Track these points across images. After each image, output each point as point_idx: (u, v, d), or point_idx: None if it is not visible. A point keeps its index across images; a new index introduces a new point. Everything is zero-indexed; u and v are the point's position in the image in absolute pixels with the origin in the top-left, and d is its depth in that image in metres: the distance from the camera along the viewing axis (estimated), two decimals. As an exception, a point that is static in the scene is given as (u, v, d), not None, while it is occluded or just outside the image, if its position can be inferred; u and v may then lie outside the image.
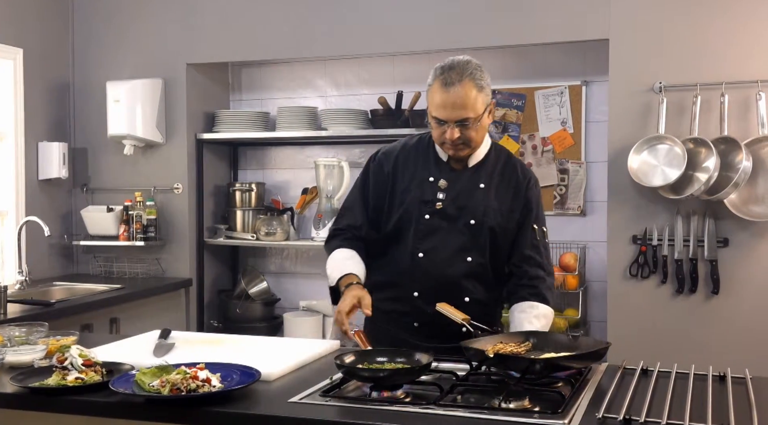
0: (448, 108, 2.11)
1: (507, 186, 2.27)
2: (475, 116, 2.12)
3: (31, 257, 3.95)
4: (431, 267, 2.20)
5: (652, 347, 3.39)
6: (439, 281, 2.21)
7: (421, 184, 2.24)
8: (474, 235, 2.22)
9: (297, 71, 4.47)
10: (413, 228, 2.22)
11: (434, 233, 2.21)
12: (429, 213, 2.22)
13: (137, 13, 4.31)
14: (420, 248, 2.21)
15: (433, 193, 2.22)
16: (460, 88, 2.10)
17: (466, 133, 2.14)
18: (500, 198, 2.25)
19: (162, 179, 4.28)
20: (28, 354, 1.97)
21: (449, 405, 1.64)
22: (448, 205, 2.22)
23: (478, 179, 2.25)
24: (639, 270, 3.50)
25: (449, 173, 2.25)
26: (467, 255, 2.22)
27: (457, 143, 2.16)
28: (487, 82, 2.16)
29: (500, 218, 2.23)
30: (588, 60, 3.94)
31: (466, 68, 2.13)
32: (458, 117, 2.11)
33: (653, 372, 1.88)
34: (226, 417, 1.62)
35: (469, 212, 2.22)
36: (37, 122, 4.17)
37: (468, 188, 2.23)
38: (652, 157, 3.40)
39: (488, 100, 2.17)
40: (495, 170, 2.27)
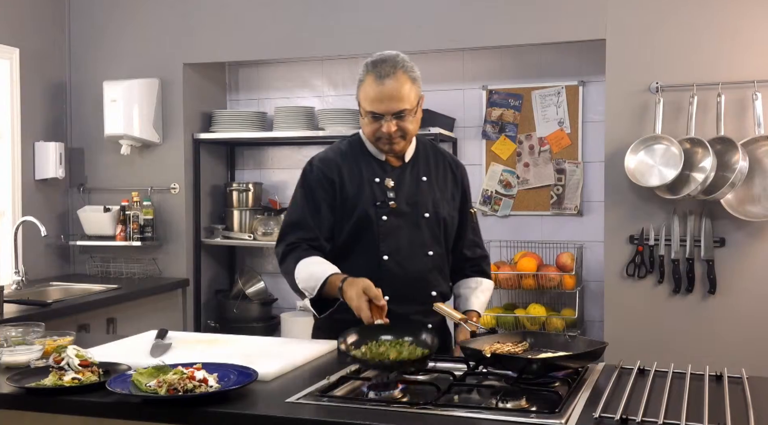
0: (385, 101, 2.12)
1: (444, 174, 2.32)
2: (411, 107, 2.14)
3: (27, 257, 3.95)
4: (397, 268, 2.20)
5: (648, 347, 3.39)
6: (406, 281, 2.20)
7: (369, 186, 2.22)
8: (430, 228, 2.25)
9: (294, 71, 4.47)
10: (373, 232, 2.20)
11: (394, 233, 2.21)
12: (385, 214, 2.21)
13: (134, 12, 4.30)
14: (384, 251, 2.20)
15: (383, 193, 2.22)
16: (394, 80, 2.12)
17: (403, 125, 2.15)
18: (442, 187, 2.30)
19: (159, 179, 4.28)
20: (25, 355, 1.97)
21: (446, 405, 1.64)
22: (401, 203, 2.22)
23: (418, 172, 2.28)
24: (636, 270, 3.50)
25: (391, 171, 2.25)
26: (428, 250, 2.24)
27: (395, 137, 2.16)
28: (418, 75, 2.18)
29: (448, 207, 2.29)
30: (585, 60, 3.95)
31: (397, 61, 2.16)
32: (395, 109, 2.12)
33: (650, 372, 1.88)
34: (223, 418, 1.62)
35: (421, 206, 2.24)
36: (33, 122, 4.16)
37: (413, 183, 2.25)
38: (648, 157, 3.41)
39: (420, 92, 2.20)
40: (429, 161, 2.31)
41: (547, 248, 3.98)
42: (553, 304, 3.94)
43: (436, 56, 4.17)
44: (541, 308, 3.80)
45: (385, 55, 2.19)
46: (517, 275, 3.78)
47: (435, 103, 4.12)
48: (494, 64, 4.13)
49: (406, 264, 2.21)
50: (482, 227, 4.06)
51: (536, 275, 3.75)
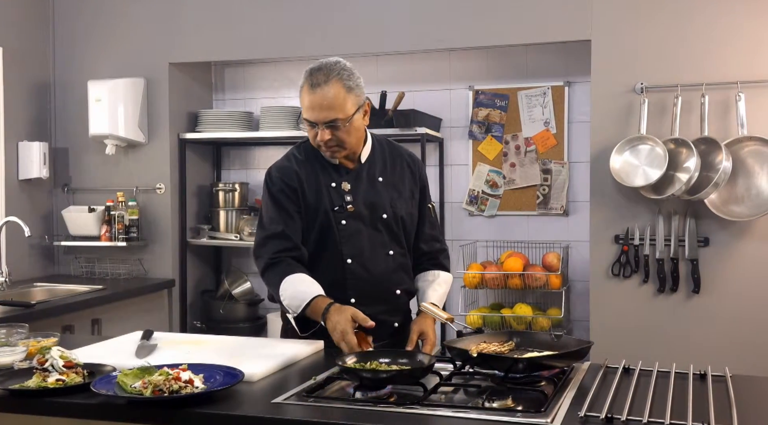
0: (316, 109, 2.11)
1: (402, 173, 2.33)
2: (344, 117, 2.12)
3: (11, 257, 3.91)
4: (361, 270, 2.24)
5: (634, 346, 3.42)
6: (371, 282, 2.24)
7: (327, 192, 2.24)
8: (389, 229, 2.28)
9: (280, 71, 4.46)
10: (335, 237, 2.23)
11: (355, 236, 2.24)
12: (344, 218, 2.23)
13: (119, 11, 4.27)
14: (347, 254, 2.23)
15: (340, 198, 2.24)
16: (327, 88, 2.10)
17: (337, 134, 2.14)
18: (399, 186, 2.31)
19: (144, 179, 4.25)
20: (8, 356, 1.95)
21: (433, 405, 1.65)
22: (358, 206, 2.24)
23: (374, 173, 2.29)
24: (621, 270, 3.52)
25: (346, 175, 2.26)
26: (389, 250, 2.28)
27: (330, 145, 2.16)
28: (356, 83, 2.16)
29: (406, 206, 2.31)
30: (570, 61, 3.97)
31: (333, 69, 2.13)
32: (326, 118, 2.12)
33: (635, 371, 1.89)
34: (209, 418, 1.61)
35: (378, 207, 2.26)
36: (17, 122, 4.13)
37: (369, 184, 2.27)
38: (633, 157, 3.43)
39: (360, 101, 2.17)
40: (386, 161, 2.32)
41: (534, 248, 3.99)
42: (540, 304, 3.96)
43: (422, 56, 4.17)
44: (527, 307, 3.82)
45: (324, 62, 2.17)
46: (504, 275, 3.79)
47: (421, 103, 4.13)
48: (481, 64, 4.14)
49: (369, 266, 2.24)
50: (469, 227, 4.15)
51: (522, 274, 3.77)
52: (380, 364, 1.86)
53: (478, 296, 4.08)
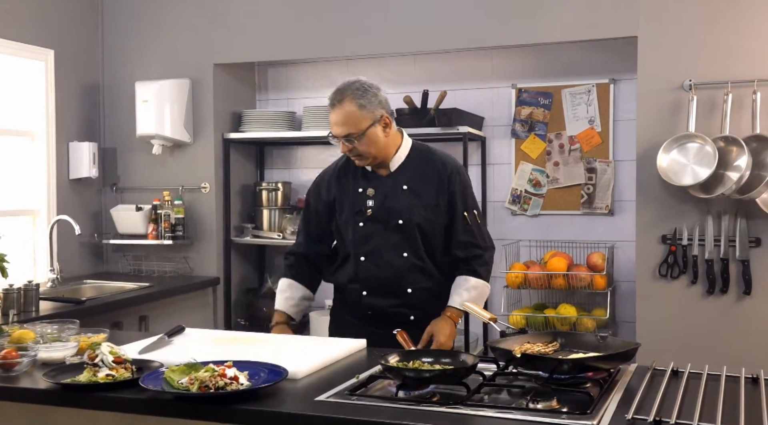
0: (335, 125, 2.37)
1: (428, 183, 2.46)
2: (357, 132, 2.34)
3: (62, 255, 4.01)
4: (373, 268, 2.44)
5: (682, 348, 3.34)
6: (382, 279, 2.44)
7: (353, 196, 2.48)
8: (404, 233, 2.43)
9: (322, 71, 4.48)
10: (352, 237, 2.46)
11: (371, 237, 2.45)
12: (362, 221, 2.45)
13: (165, 14, 4.35)
14: (361, 253, 2.45)
15: (363, 202, 2.46)
16: (342, 107, 2.35)
17: (355, 146, 2.36)
18: (423, 195, 2.45)
19: (189, 179, 4.32)
20: (60, 351, 2.00)
21: (477, 405, 1.64)
22: (377, 210, 2.44)
23: (400, 181, 2.46)
24: (668, 270, 3.45)
25: (375, 181, 2.47)
26: (402, 251, 2.43)
27: (354, 155, 2.40)
28: (369, 101, 2.36)
29: (425, 213, 2.44)
30: (616, 58, 3.90)
31: (348, 89, 2.36)
32: (342, 133, 2.36)
33: (684, 374, 1.85)
34: (254, 415, 1.63)
35: (396, 213, 2.43)
36: (67, 123, 4.24)
37: (392, 191, 2.45)
38: (681, 156, 3.36)
39: (375, 117, 2.37)
40: (416, 170, 2.47)
41: (578, 248, 3.94)
42: (584, 304, 3.90)
43: (465, 55, 4.15)
44: (571, 308, 3.77)
45: (344, 83, 2.40)
46: (547, 275, 3.74)
47: (464, 102, 4.11)
48: (524, 62, 4.10)
49: (382, 264, 2.44)
50: (511, 227, 4.11)
51: (566, 275, 3.72)
52: (423, 363, 1.86)
53: (521, 296, 4.04)
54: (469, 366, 1.81)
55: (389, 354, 1.92)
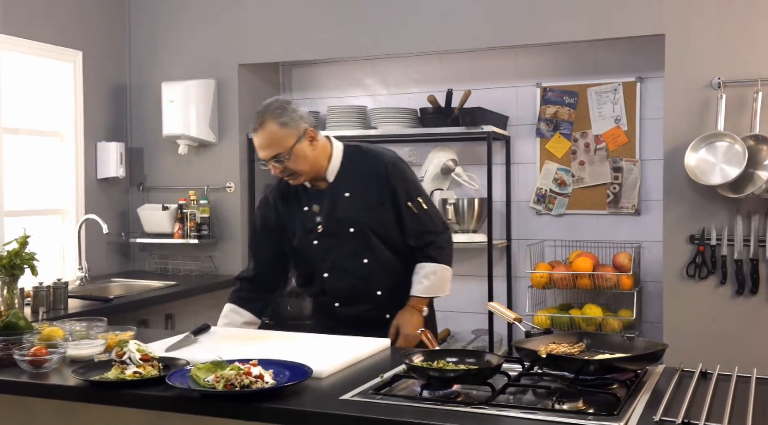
0: (260, 149, 2.35)
1: (368, 184, 2.45)
2: (284, 150, 2.33)
3: (90, 254, 4.07)
4: (338, 282, 2.47)
5: (710, 349, 3.30)
6: (349, 288, 2.46)
7: (301, 216, 2.48)
8: (360, 239, 2.44)
9: (346, 70, 4.49)
10: (310, 256, 2.48)
11: (328, 252, 2.46)
12: (316, 238, 2.46)
13: (191, 15, 4.39)
14: (323, 269, 2.48)
15: (312, 220, 2.46)
16: (263, 130, 2.32)
17: (286, 165, 2.35)
18: (367, 198, 2.44)
19: (215, 178, 4.36)
20: (88, 349, 2.03)
21: (501, 405, 1.63)
22: (327, 224, 2.45)
23: (341, 190, 2.45)
24: (696, 271, 3.41)
25: (318, 196, 2.47)
26: (362, 258, 2.45)
27: (286, 175, 2.39)
28: (291, 118, 2.34)
29: (374, 215, 2.43)
30: (643, 56, 3.86)
31: (266, 110, 2.34)
32: (269, 155, 2.34)
33: (713, 375, 1.82)
34: (279, 413, 1.63)
35: (346, 222, 2.43)
36: (95, 123, 4.29)
37: (336, 202, 2.45)
38: (710, 154, 3.31)
39: (298, 133, 2.34)
40: (354, 175, 2.46)
41: (604, 248, 3.90)
42: (610, 305, 3.87)
43: (489, 54, 4.13)
44: (597, 308, 3.73)
45: (261, 106, 2.37)
46: (573, 275, 3.72)
47: (488, 101, 4.09)
48: (548, 60, 4.07)
49: (346, 276, 2.45)
50: (536, 226, 4.08)
51: (592, 275, 3.69)
52: (447, 363, 1.85)
53: (546, 297, 4.02)
54: (494, 366, 1.80)
55: (413, 353, 1.92)
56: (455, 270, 2.59)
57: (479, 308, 4.06)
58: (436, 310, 2.66)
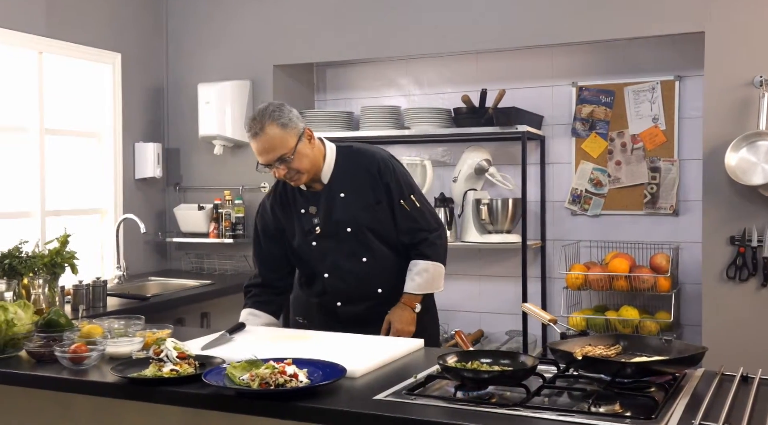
0: (263, 154, 2.36)
1: (362, 183, 2.47)
2: (288, 151, 2.35)
3: (128, 253, 4.14)
4: (338, 282, 2.50)
5: (752, 353, 3.23)
6: (350, 289, 2.49)
7: (299, 218, 2.51)
8: (357, 239, 2.46)
9: (380, 71, 4.49)
10: (310, 257, 2.51)
11: (327, 253, 2.49)
12: (314, 240, 2.49)
13: (226, 17, 4.44)
14: (323, 270, 2.50)
15: (310, 222, 2.49)
16: (264, 134, 2.33)
17: (290, 166, 2.37)
18: (361, 197, 2.46)
19: (249, 178, 4.39)
20: (127, 346, 2.06)
21: (536, 407, 1.61)
22: (324, 225, 2.47)
23: (336, 191, 2.47)
24: (737, 272, 3.34)
25: (314, 198, 2.49)
26: (362, 257, 2.47)
27: (290, 177, 2.40)
28: (289, 118, 2.37)
29: (370, 214, 2.46)
30: (681, 54, 3.79)
31: (265, 114, 2.35)
32: (274, 157, 2.35)
33: (754, 380, 1.78)
34: (313, 412, 1.64)
35: (342, 223, 2.46)
36: (133, 124, 4.36)
37: (332, 203, 2.47)
38: (751, 154, 3.24)
39: (298, 132, 2.37)
40: (347, 176, 2.48)
41: (641, 249, 3.85)
42: (647, 306, 3.81)
43: (523, 53, 4.10)
44: (633, 310, 3.68)
45: (257, 110, 2.39)
46: (609, 276, 3.67)
47: (522, 101, 4.06)
48: (585, 59, 4.02)
49: (345, 275, 2.48)
50: (571, 227, 4.04)
51: (629, 276, 3.63)
52: (481, 364, 1.84)
53: (581, 298, 3.97)
54: (529, 367, 1.79)
55: (447, 354, 1.91)
56: (489, 271, 2.58)
57: (513, 309, 4.03)
58: (471, 311, 2.67)
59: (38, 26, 3.79)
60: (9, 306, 2.13)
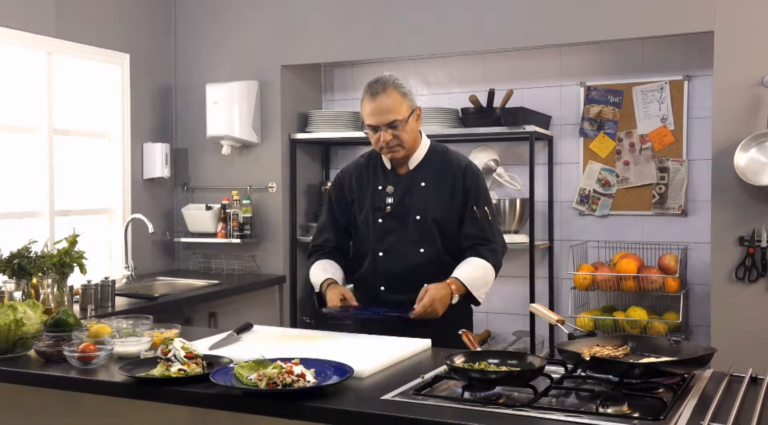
0: (377, 114, 2.41)
1: (445, 180, 2.52)
2: (402, 118, 2.41)
3: (136, 253, 4.15)
4: (391, 264, 2.50)
5: (761, 354, 3.21)
6: (399, 274, 2.49)
7: (373, 193, 2.55)
8: (422, 229, 2.49)
9: (388, 71, 4.47)
10: (371, 233, 2.53)
11: (389, 234, 2.51)
12: (381, 217, 2.52)
13: (234, 18, 4.45)
14: (379, 248, 2.52)
15: (382, 199, 2.53)
16: (385, 96, 2.41)
17: (397, 134, 2.41)
18: (440, 192, 2.50)
19: (257, 178, 4.40)
20: (135, 346, 2.07)
21: (544, 408, 1.61)
22: (396, 207, 2.51)
23: (419, 179, 2.52)
24: (746, 273, 3.32)
25: (395, 179, 2.54)
26: (420, 247, 2.49)
27: (392, 145, 2.44)
28: (409, 91, 2.46)
29: (441, 209, 2.49)
30: (690, 54, 3.78)
31: (389, 80, 2.45)
32: (387, 120, 2.40)
33: (763, 381, 1.78)
34: (320, 412, 1.64)
35: (414, 209, 2.49)
36: (142, 124, 4.38)
37: (411, 188, 2.51)
38: (761, 154, 3.23)
39: (413, 106, 2.46)
40: (433, 168, 2.53)
41: (649, 250, 3.83)
42: (655, 307, 3.79)
43: (531, 53, 4.09)
44: (642, 311, 3.67)
45: (380, 76, 2.47)
46: (617, 276, 3.66)
47: (530, 101, 4.06)
48: (593, 59, 4.01)
49: (400, 260, 2.49)
50: (579, 227, 4.03)
51: (637, 277, 3.62)
52: (489, 365, 1.84)
53: (589, 298, 3.96)
54: (537, 368, 1.78)
55: (455, 354, 1.91)
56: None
57: (520, 309, 4.02)
58: (478, 311, 2.65)
59: (47, 27, 3.80)
60: (18, 306, 2.14)
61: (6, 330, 2.07)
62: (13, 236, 3.33)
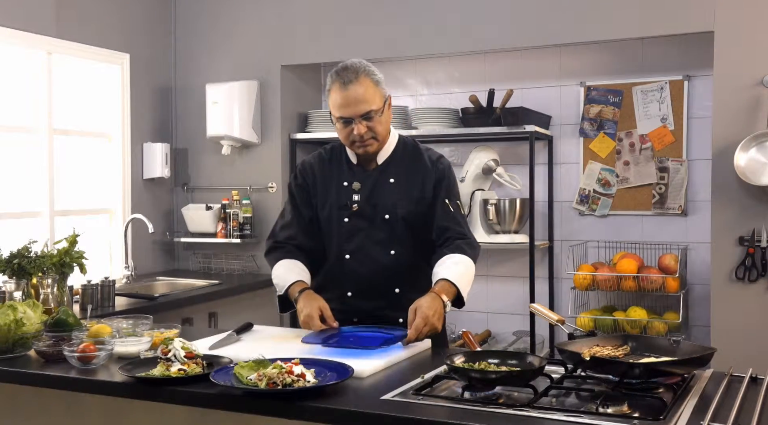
0: (351, 105, 2.21)
1: (415, 174, 2.34)
2: (377, 108, 2.23)
3: (136, 252, 4.15)
4: (358, 267, 2.32)
5: (761, 354, 3.21)
6: (368, 277, 2.31)
7: (337, 190, 2.35)
8: (391, 228, 2.31)
9: (387, 71, 4.46)
10: (336, 233, 2.34)
11: (356, 234, 2.32)
12: (347, 216, 2.33)
13: (234, 18, 4.45)
14: (346, 250, 2.33)
15: (348, 196, 2.33)
16: (358, 84, 2.21)
17: (371, 125, 2.23)
18: (410, 187, 2.33)
19: (257, 178, 4.40)
20: (135, 346, 2.07)
21: (544, 408, 1.61)
22: (364, 205, 2.32)
23: (387, 174, 2.34)
24: (746, 273, 3.32)
25: (361, 175, 2.35)
26: (390, 249, 2.31)
27: (366, 138, 2.25)
28: (381, 78, 2.27)
29: (412, 207, 2.31)
30: (690, 54, 3.78)
31: (360, 66, 2.25)
32: (361, 112, 2.21)
33: (763, 381, 1.78)
34: (320, 412, 1.64)
35: (382, 208, 2.31)
36: (141, 124, 4.38)
37: (379, 185, 2.33)
38: (761, 154, 3.23)
39: (386, 95, 2.28)
40: (403, 163, 2.36)
41: (649, 249, 3.83)
42: (655, 307, 3.79)
43: (531, 53, 4.09)
44: (642, 311, 3.67)
45: (348, 63, 2.28)
46: (617, 276, 3.66)
47: (530, 101, 4.05)
48: (593, 59, 4.01)
49: (368, 262, 2.31)
50: (579, 227, 4.04)
51: (637, 277, 3.62)
52: (489, 365, 1.84)
53: (589, 298, 3.96)
54: (536, 368, 1.78)
55: (455, 354, 1.91)
56: (496, 271, 2.56)
57: (520, 309, 4.02)
58: (478, 311, 2.65)
59: (47, 27, 3.80)
60: (18, 306, 2.14)
61: (6, 330, 2.07)
62: (13, 236, 3.33)
